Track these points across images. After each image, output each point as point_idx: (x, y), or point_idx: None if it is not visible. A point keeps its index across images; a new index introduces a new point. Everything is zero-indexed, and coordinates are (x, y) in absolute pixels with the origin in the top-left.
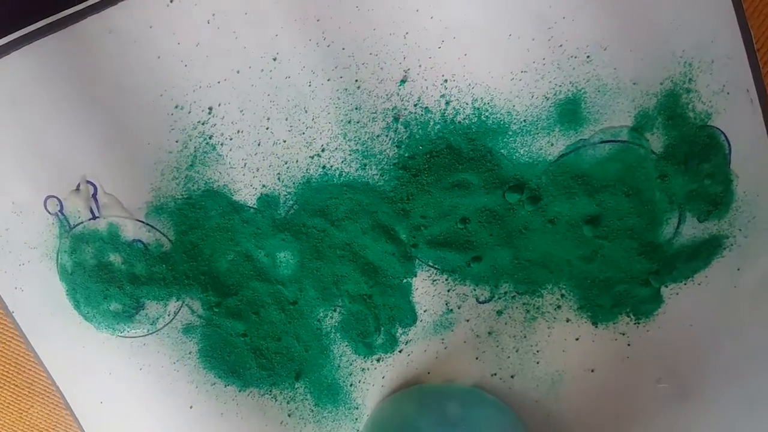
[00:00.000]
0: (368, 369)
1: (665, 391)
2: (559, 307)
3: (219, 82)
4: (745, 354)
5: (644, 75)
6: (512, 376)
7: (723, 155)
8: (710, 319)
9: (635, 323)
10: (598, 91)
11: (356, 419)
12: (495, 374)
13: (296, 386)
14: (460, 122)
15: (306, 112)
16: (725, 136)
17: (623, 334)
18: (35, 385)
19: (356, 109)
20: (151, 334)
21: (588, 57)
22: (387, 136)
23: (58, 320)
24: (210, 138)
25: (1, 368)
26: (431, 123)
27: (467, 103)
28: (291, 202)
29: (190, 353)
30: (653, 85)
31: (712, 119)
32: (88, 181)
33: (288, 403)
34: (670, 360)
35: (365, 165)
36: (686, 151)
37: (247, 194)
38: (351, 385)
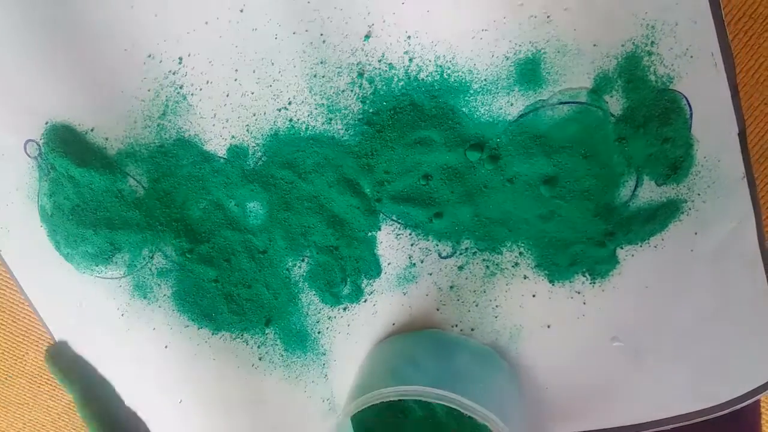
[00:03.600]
0: (334, 317)
1: (620, 350)
2: (517, 264)
3: (188, 33)
4: (699, 317)
5: (605, 37)
6: (472, 329)
7: (684, 120)
8: (665, 281)
9: (591, 283)
10: (558, 51)
11: (324, 364)
12: (456, 326)
13: (266, 332)
14: (423, 79)
15: (273, 64)
16: (687, 101)
17: (579, 293)
18: (31, 333)
19: (321, 63)
20: (127, 276)
21: (548, 17)
22: (352, 91)
23: (42, 260)
24: (181, 88)
25: None
26: (395, 79)
27: (430, 60)
28: (259, 154)
29: (164, 296)
30: (614, 47)
31: (674, 83)
32: None
33: (259, 347)
34: (625, 320)
35: (331, 119)
36: (645, 115)
37: (217, 144)
38: (318, 332)
